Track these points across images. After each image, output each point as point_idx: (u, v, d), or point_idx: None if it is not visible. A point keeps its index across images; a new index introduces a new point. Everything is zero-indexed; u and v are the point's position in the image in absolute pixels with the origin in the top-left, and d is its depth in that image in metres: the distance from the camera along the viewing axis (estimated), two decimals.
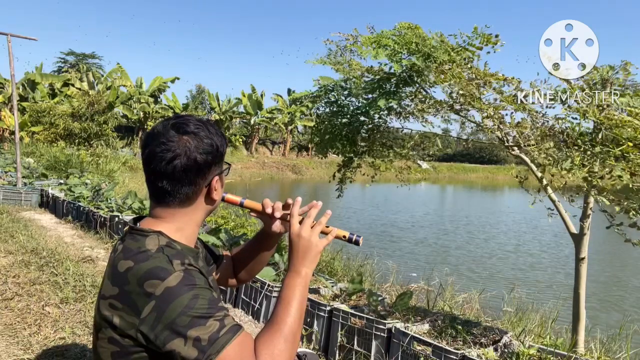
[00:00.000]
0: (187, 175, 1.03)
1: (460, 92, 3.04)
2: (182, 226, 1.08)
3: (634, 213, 2.55)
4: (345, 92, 3.75)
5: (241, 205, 1.27)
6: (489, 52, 3.14)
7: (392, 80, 3.46)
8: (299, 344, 1.10)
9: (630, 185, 2.40)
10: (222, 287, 1.54)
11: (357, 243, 1.20)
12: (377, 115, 3.66)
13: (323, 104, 3.96)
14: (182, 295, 0.91)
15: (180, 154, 1.01)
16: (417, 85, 3.46)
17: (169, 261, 0.96)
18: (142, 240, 1.01)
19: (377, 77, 3.55)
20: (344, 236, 1.20)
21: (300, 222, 1.15)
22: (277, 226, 1.32)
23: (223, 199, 1.21)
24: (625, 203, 2.52)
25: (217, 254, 1.39)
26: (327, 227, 1.17)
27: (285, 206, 1.27)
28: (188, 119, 1.06)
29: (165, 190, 1.04)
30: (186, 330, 0.89)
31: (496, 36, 3.02)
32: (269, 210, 1.26)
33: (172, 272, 0.94)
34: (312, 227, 1.14)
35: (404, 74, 3.34)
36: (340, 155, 4.04)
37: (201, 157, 1.03)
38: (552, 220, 2.98)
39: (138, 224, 1.08)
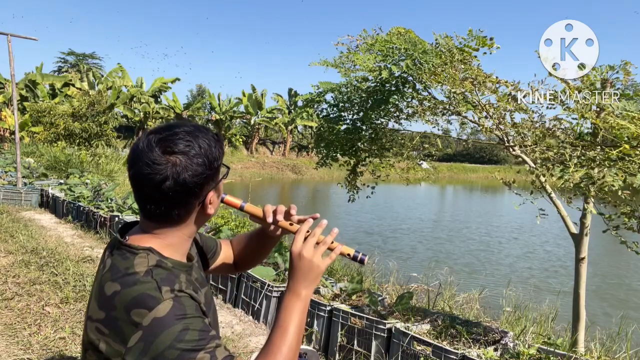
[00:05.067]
0: (177, 198, 0.96)
1: (453, 90, 3.06)
2: (174, 242, 1.03)
3: (627, 218, 2.56)
4: (345, 98, 3.77)
5: (241, 208, 1.23)
6: (485, 53, 3.16)
7: (386, 86, 3.49)
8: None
9: (620, 193, 2.40)
10: (221, 273, 1.52)
11: (361, 262, 1.15)
12: (376, 120, 3.70)
13: (325, 107, 3.97)
14: (171, 327, 0.87)
15: (168, 177, 0.92)
16: (414, 87, 3.48)
17: (158, 288, 0.91)
18: (131, 260, 0.96)
19: (374, 83, 3.58)
20: (349, 254, 1.15)
21: (305, 240, 1.09)
22: (276, 231, 1.29)
23: (222, 201, 1.17)
24: (624, 208, 2.54)
25: (212, 247, 1.35)
26: (332, 242, 1.12)
27: (287, 214, 1.22)
28: (177, 132, 0.96)
29: (155, 212, 0.98)
30: None
31: (491, 39, 3.04)
32: (269, 220, 1.21)
33: (161, 300, 0.89)
34: (315, 247, 1.08)
35: (396, 79, 3.38)
36: (343, 159, 4.07)
37: (191, 179, 0.95)
38: (552, 221, 2.98)
39: (127, 236, 1.03)
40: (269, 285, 3.74)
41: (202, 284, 1.11)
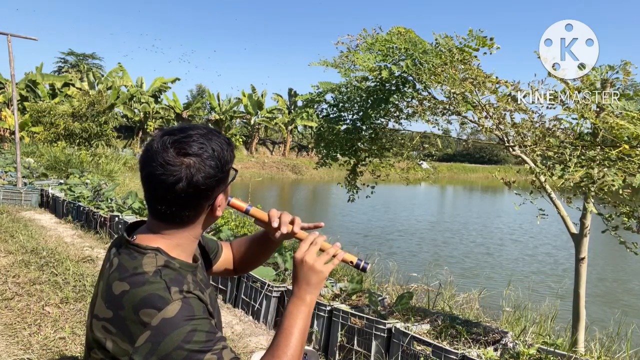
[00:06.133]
0: (188, 199, 0.97)
1: (453, 90, 3.07)
2: (182, 242, 1.04)
3: (626, 218, 2.56)
4: (345, 98, 3.78)
5: (247, 212, 1.23)
6: (485, 53, 3.16)
7: (386, 85, 3.50)
8: None
9: (620, 192, 2.40)
10: (220, 275, 1.52)
11: (364, 270, 1.17)
12: (376, 120, 3.71)
13: (325, 107, 3.98)
14: (179, 328, 0.89)
15: (182, 178, 0.94)
16: (414, 87, 3.48)
17: (167, 288, 0.92)
18: (139, 259, 0.97)
19: (374, 83, 3.58)
20: (351, 262, 1.15)
21: (308, 247, 1.11)
22: (279, 235, 1.28)
23: (228, 203, 1.17)
24: (624, 208, 2.54)
25: (214, 248, 1.37)
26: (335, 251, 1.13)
27: (292, 221, 1.22)
28: (191, 135, 0.97)
29: (165, 212, 0.99)
30: None
31: (491, 39, 3.04)
32: (275, 224, 1.21)
33: (170, 301, 0.91)
34: (319, 253, 1.11)
35: (396, 79, 3.38)
36: (343, 159, 4.09)
37: (204, 182, 0.96)
38: (553, 221, 2.99)
39: (134, 235, 1.04)
40: (269, 285, 3.74)
41: (207, 285, 1.12)
